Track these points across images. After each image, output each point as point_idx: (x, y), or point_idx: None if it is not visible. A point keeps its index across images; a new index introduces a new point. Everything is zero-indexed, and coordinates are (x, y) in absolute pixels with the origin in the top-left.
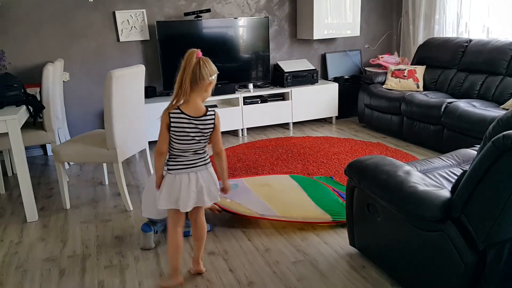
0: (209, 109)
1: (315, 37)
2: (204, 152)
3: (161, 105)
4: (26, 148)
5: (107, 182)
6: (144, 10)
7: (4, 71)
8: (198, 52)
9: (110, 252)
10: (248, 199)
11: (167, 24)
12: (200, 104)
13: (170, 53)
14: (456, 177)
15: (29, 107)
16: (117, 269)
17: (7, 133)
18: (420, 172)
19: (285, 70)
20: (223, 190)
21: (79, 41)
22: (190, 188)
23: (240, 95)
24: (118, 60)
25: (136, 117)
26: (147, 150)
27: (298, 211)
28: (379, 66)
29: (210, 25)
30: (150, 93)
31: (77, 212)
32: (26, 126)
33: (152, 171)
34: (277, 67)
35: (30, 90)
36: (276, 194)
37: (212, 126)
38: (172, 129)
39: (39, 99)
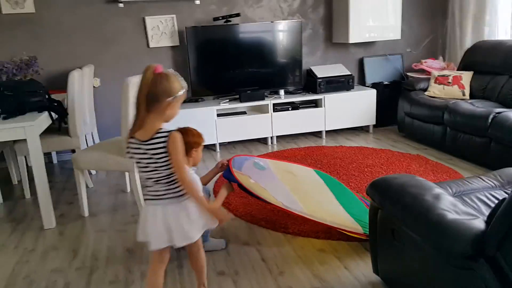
0: (163, 129)
1: (351, 41)
2: (172, 183)
3: (188, 111)
4: (57, 153)
5: (129, 190)
6: (174, 16)
7: (35, 77)
8: (156, 67)
9: (118, 266)
10: (273, 185)
11: (196, 29)
12: (155, 125)
13: (200, 58)
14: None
15: (51, 113)
16: (122, 285)
17: None
18: (455, 194)
19: (318, 76)
20: (219, 221)
21: (110, 47)
22: (156, 224)
23: (270, 101)
24: (147, 64)
25: None
26: None
27: (327, 212)
28: (422, 71)
29: (240, 30)
30: None
31: (95, 221)
32: (51, 132)
33: None
34: (310, 73)
35: (59, 96)
36: (301, 186)
37: (163, 151)
38: (128, 155)
39: (65, 105)
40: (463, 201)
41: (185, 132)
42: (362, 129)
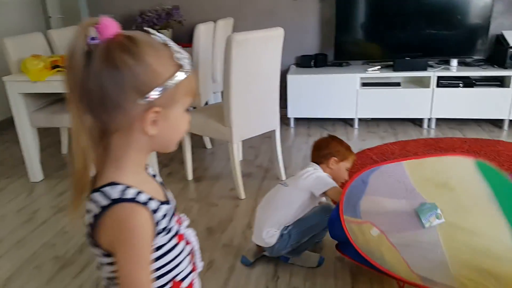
0: (116, 183)
1: None
2: None
3: (326, 77)
4: None
5: (241, 158)
6: None
7: (177, 28)
8: (98, 24)
9: None
10: (414, 232)
11: None
12: (115, 166)
13: (350, 13)
14: None
15: None
16: None
17: None
18: None
19: None
20: None
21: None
22: None
23: (433, 73)
24: (291, 20)
25: (267, 91)
26: (276, 132)
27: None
28: None
29: None
30: (319, 62)
31: (195, 187)
32: None
33: (279, 155)
34: (500, 39)
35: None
36: (465, 217)
37: (90, 223)
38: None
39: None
40: None
41: (334, 137)
42: None
